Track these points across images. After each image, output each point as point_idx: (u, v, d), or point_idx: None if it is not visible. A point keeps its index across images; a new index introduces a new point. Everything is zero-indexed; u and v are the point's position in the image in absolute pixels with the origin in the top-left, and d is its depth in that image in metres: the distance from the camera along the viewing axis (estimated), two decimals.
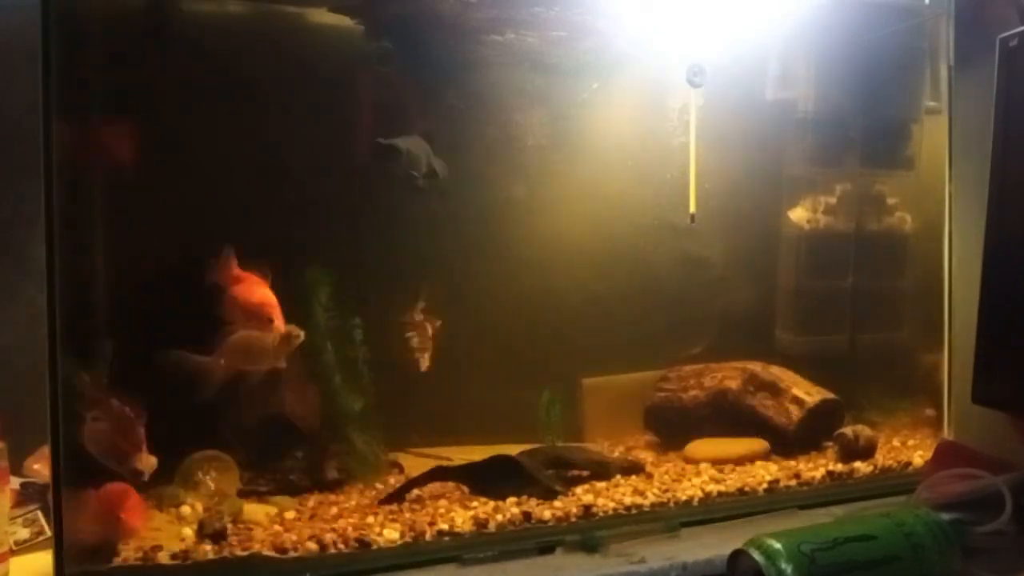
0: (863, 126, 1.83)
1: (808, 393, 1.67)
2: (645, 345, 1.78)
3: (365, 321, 1.51)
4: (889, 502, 1.43)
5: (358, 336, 1.50)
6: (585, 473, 1.50)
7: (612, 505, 1.37)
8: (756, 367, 1.73)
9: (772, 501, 1.44)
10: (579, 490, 1.43)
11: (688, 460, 1.60)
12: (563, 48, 1.63)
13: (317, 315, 1.46)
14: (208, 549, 1.19)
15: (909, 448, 1.68)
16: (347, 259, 1.51)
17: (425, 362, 1.57)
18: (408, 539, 1.24)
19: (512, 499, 1.37)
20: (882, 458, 1.60)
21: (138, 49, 1.40)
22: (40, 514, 1.29)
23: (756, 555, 1.02)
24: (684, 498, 1.41)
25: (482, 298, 1.65)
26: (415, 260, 1.61)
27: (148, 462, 1.18)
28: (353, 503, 1.40)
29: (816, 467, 1.55)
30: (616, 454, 1.64)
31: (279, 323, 1.29)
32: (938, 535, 1.07)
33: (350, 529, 1.25)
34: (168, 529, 1.25)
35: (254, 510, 1.33)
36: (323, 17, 1.54)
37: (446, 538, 1.26)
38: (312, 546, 1.20)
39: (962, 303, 1.56)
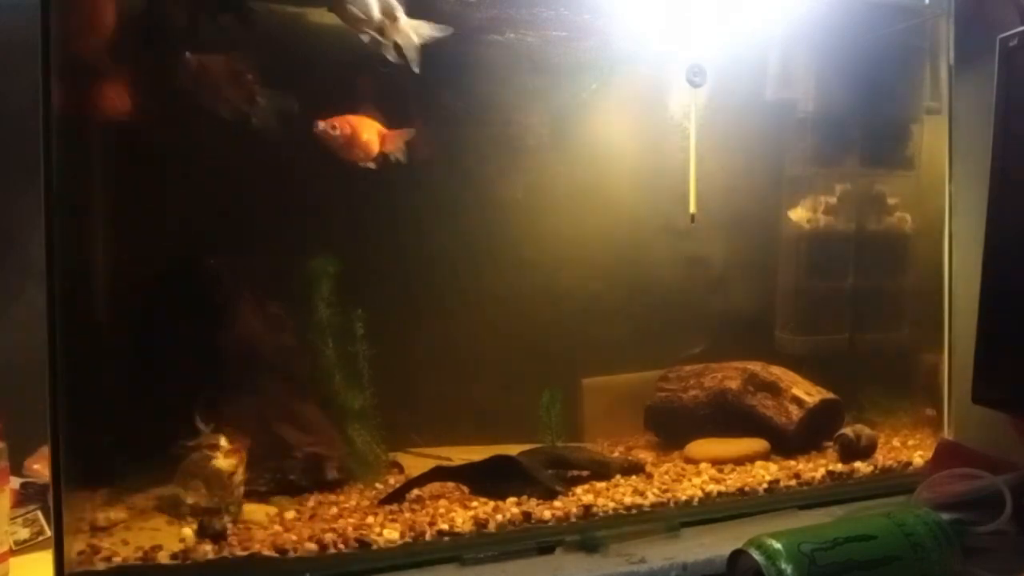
0: (863, 126, 1.83)
1: (808, 393, 1.67)
2: (645, 345, 1.78)
3: (366, 317, 1.51)
4: (889, 502, 1.43)
5: (359, 332, 1.50)
6: (585, 473, 1.50)
7: (612, 505, 1.37)
8: (756, 367, 1.73)
9: (772, 501, 1.44)
10: (579, 490, 1.43)
11: (688, 460, 1.60)
12: (563, 48, 1.63)
13: (318, 309, 1.47)
14: (208, 549, 1.19)
15: (909, 448, 1.68)
16: (349, 255, 1.50)
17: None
18: (408, 539, 1.24)
19: (512, 499, 1.37)
20: (882, 458, 1.60)
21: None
22: (40, 514, 1.29)
23: (756, 555, 1.02)
24: (684, 498, 1.41)
25: (482, 298, 1.65)
26: (415, 260, 1.61)
27: None
28: (353, 503, 1.40)
29: (816, 467, 1.55)
30: (616, 454, 1.64)
31: None
32: (938, 535, 1.07)
33: (350, 529, 1.25)
34: (168, 529, 1.25)
35: (254, 510, 1.33)
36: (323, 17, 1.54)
37: (446, 538, 1.26)
38: (312, 546, 1.20)
39: (962, 303, 1.56)
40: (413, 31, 1.35)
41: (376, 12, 1.31)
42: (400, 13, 1.35)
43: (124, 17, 1.33)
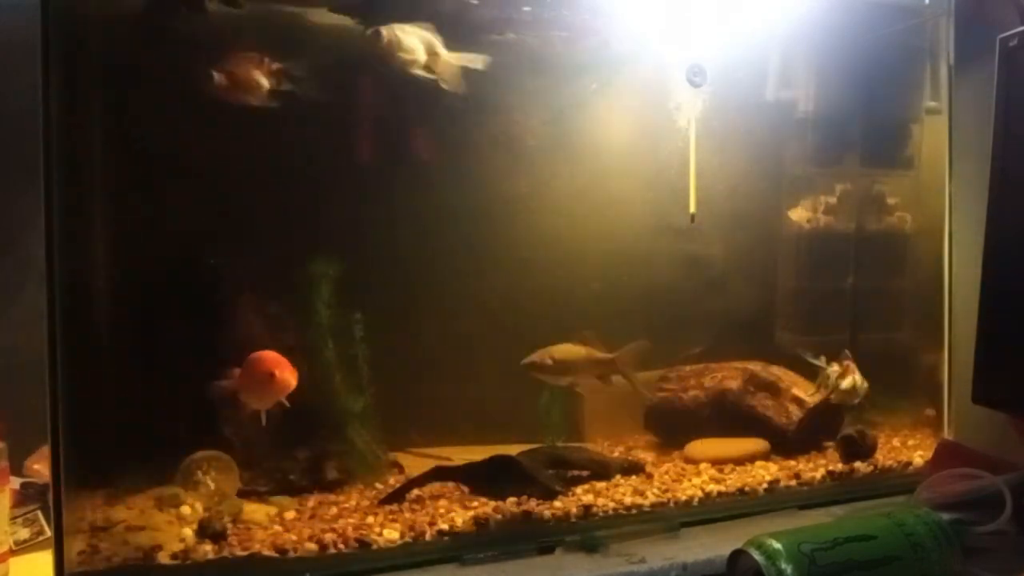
0: (863, 126, 1.83)
1: (808, 393, 1.67)
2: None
3: (366, 317, 1.51)
4: (889, 502, 1.43)
5: (359, 333, 1.50)
6: (585, 473, 1.50)
7: (612, 505, 1.37)
8: (756, 367, 1.73)
9: (772, 501, 1.44)
10: (579, 490, 1.43)
11: (688, 460, 1.60)
12: (563, 48, 1.62)
13: (319, 311, 1.47)
14: (208, 549, 1.19)
15: (909, 448, 1.68)
16: (348, 256, 1.50)
17: None
18: (408, 539, 1.24)
19: (512, 499, 1.37)
20: (882, 458, 1.60)
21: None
22: (40, 514, 1.29)
23: (756, 555, 1.02)
24: (684, 498, 1.41)
25: (482, 298, 1.65)
26: (416, 259, 1.61)
27: None
28: (353, 503, 1.40)
29: (816, 467, 1.55)
30: (616, 454, 1.64)
31: None
32: (938, 535, 1.07)
33: (350, 529, 1.25)
34: (168, 529, 1.25)
35: (254, 510, 1.33)
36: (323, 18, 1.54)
37: (446, 538, 1.26)
38: (312, 546, 1.20)
39: (962, 303, 1.56)
40: (455, 61, 1.45)
41: (422, 53, 1.42)
42: (441, 48, 1.44)
43: None
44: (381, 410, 1.51)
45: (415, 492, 1.41)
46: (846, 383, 1.60)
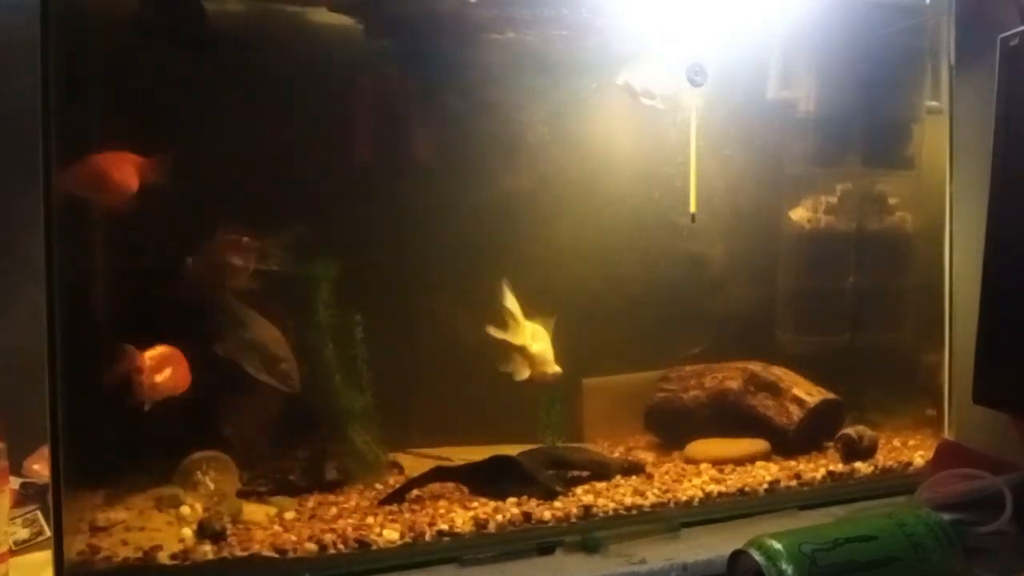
0: (864, 126, 1.83)
1: (809, 393, 1.67)
2: (645, 345, 1.78)
3: (365, 318, 1.51)
4: (890, 502, 1.43)
5: (359, 334, 1.50)
6: (585, 473, 1.50)
7: (612, 505, 1.37)
8: (756, 367, 1.73)
9: (772, 501, 1.44)
10: (579, 490, 1.43)
11: (688, 460, 1.60)
12: (563, 47, 1.62)
13: (319, 312, 1.47)
14: (208, 549, 1.19)
15: (910, 448, 1.68)
16: (348, 257, 1.50)
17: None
18: (408, 539, 1.24)
19: (512, 499, 1.37)
20: (883, 458, 1.60)
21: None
22: (40, 514, 1.29)
23: (756, 555, 1.02)
24: (684, 498, 1.41)
25: (483, 298, 1.65)
26: (415, 260, 1.61)
27: None
28: (353, 503, 1.40)
29: (816, 467, 1.55)
30: (616, 454, 1.64)
31: None
32: (939, 535, 1.07)
33: (350, 529, 1.25)
34: (168, 529, 1.25)
35: (254, 510, 1.33)
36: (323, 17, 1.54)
37: (446, 538, 1.26)
38: (312, 546, 1.20)
39: (962, 303, 1.56)
40: None
41: None
42: None
43: None
44: (381, 410, 1.51)
45: (415, 492, 1.41)
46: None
